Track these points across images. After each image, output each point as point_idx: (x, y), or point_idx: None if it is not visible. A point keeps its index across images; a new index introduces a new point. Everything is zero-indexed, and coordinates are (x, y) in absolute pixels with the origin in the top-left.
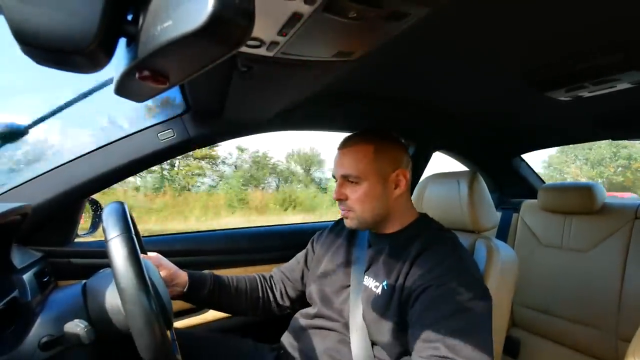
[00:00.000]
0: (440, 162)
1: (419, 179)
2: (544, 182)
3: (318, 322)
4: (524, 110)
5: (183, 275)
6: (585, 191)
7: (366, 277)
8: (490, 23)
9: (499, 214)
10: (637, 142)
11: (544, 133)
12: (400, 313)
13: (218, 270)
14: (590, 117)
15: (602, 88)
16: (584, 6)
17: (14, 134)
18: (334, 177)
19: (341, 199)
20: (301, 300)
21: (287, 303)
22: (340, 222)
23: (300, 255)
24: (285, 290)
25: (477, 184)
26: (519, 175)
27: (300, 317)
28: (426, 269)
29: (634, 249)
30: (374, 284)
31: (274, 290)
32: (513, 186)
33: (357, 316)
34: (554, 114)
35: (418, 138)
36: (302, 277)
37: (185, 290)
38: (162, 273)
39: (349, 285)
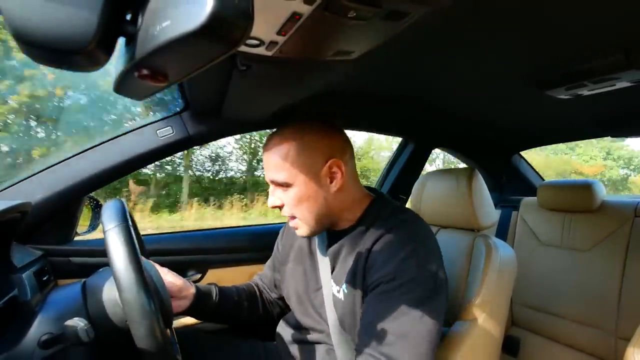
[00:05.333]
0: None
1: (418, 175)
2: (543, 180)
3: (302, 336)
4: (524, 108)
5: (191, 288)
6: (584, 189)
7: (331, 281)
8: (489, 22)
9: (498, 212)
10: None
11: (543, 130)
12: None
13: (219, 269)
14: (590, 115)
15: (602, 87)
16: (585, 6)
17: None
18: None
19: (277, 206)
20: (286, 304)
21: (277, 308)
22: None
23: (270, 260)
24: (269, 295)
25: (476, 181)
26: (518, 173)
27: (284, 330)
28: (380, 262)
29: (633, 248)
30: (336, 289)
31: (265, 295)
32: (512, 183)
33: (335, 325)
34: (553, 111)
35: (417, 135)
36: (276, 283)
37: (192, 301)
38: (171, 280)
39: (321, 287)
